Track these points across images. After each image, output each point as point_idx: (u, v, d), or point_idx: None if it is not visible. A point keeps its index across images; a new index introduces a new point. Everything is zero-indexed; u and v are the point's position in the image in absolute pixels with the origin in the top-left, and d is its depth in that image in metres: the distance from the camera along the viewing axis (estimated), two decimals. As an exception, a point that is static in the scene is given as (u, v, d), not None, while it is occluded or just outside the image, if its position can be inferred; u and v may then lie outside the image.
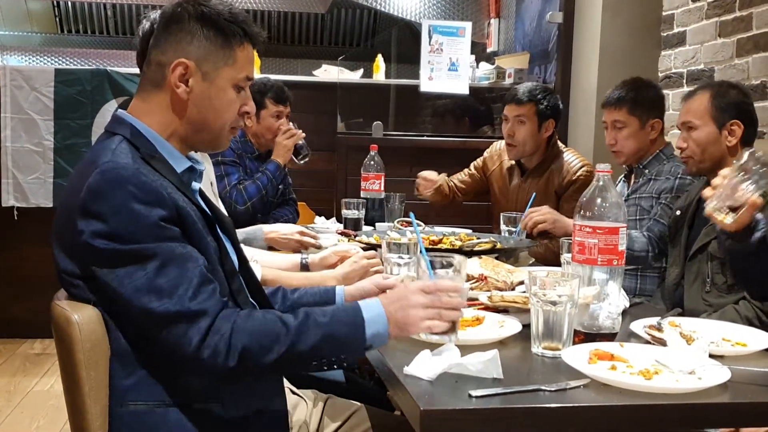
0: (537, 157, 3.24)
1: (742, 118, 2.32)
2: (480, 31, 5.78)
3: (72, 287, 1.43)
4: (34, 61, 6.86)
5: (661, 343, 1.60)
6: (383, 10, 6.20)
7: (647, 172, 2.82)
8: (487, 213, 3.82)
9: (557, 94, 3.42)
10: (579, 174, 3.15)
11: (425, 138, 4.72)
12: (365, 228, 3.06)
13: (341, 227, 3.05)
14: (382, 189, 3.33)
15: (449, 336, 1.46)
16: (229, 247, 1.55)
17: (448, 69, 4.42)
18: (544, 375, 1.45)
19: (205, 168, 1.77)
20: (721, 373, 1.38)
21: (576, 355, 1.46)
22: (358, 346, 1.40)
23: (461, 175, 3.54)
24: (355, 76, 5.15)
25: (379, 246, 2.30)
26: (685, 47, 3.75)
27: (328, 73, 5.20)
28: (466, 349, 1.45)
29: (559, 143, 3.30)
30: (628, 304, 1.94)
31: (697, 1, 3.67)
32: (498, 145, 3.48)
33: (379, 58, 5.22)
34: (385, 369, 1.45)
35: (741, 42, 3.33)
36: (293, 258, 2.27)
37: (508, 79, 4.75)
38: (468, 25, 4.48)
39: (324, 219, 3.47)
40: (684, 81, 3.75)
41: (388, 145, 4.00)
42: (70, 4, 6.67)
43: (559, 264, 2.07)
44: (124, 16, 6.76)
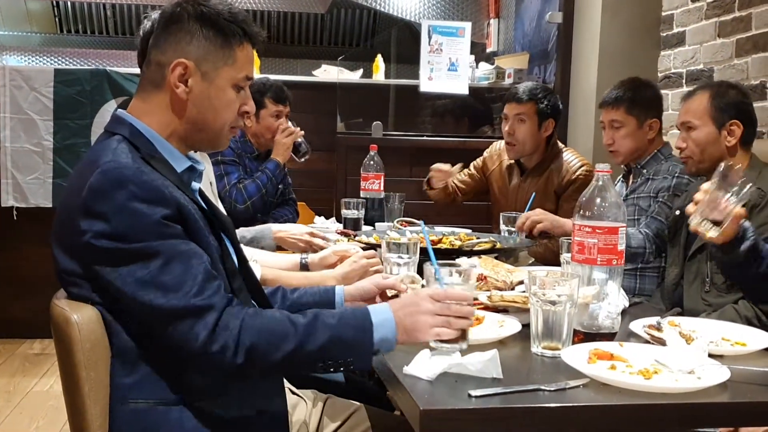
0: (536, 156, 3.24)
1: (741, 118, 2.32)
2: (479, 32, 5.78)
3: (72, 287, 1.43)
4: (33, 61, 6.86)
5: (661, 342, 1.60)
6: (383, 10, 6.20)
7: (645, 171, 2.81)
8: (486, 213, 3.82)
9: (557, 94, 3.43)
10: (578, 174, 3.16)
11: (425, 138, 4.71)
12: (365, 228, 3.06)
13: (341, 227, 3.05)
14: (382, 189, 3.33)
15: (459, 344, 1.45)
16: (229, 247, 1.55)
17: (447, 69, 4.42)
18: (543, 375, 1.45)
19: (205, 168, 1.77)
20: (720, 373, 1.38)
21: (575, 355, 1.45)
22: (365, 349, 1.39)
23: (461, 175, 3.54)
24: (354, 76, 5.15)
25: (379, 246, 2.30)
26: (685, 47, 3.75)
27: (328, 73, 5.20)
28: (465, 348, 1.45)
29: (558, 143, 3.30)
30: (627, 304, 1.94)
31: (696, 1, 3.67)
32: (498, 145, 3.48)
33: (379, 58, 5.23)
34: (384, 369, 1.45)
35: (740, 42, 3.33)
36: (293, 258, 2.27)
37: (508, 80, 4.75)
38: (467, 26, 4.48)
39: (324, 219, 3.47)
40: (683, 81, 3.75)
41: (387, 145, 4.00)
42: (69, 4, 6.67)
43: (558, 264, 2.07)
44: (124, 16, 6.77)
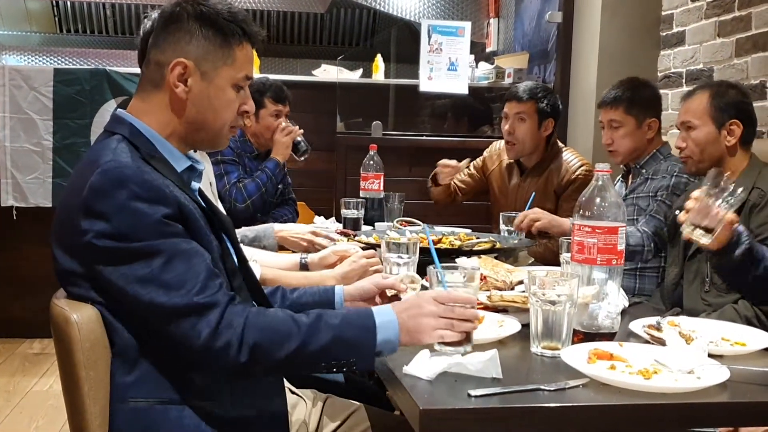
0: (536, 156, 3.24)
1: (741, 118, 2.32)
2: (479, 31, 5.78)
3: (72, 286, 1.43)
4: (33, 60, 6.86)
5: (660, 342, 1.60)
6: (382, 9, 6.20)
7: (644, 171, 2.81)
8: (486, 213, 3.82)
9: (557, 94, 3.43)
10: (578, 173, 3.16)
11: (424, 138, 4.71)
12: (364, 228, 3.06)
13: (340, 227, 3.05)
14: (382, 189, 3.33)
15: (463, 347, 1.45)
16: (229, 246, 1.55)
17: (447, 69, 4.41)
18: (543, 374, 1.45)
19: (205, 168, 1.77)
20: (720, 373, 1.38)
21: (575, 355, 1.45)
22: (368, 350, 1.39)
23: (461, 175, 3.54)
24: (354, 76, 5.15)
25: (379, 245, 2.30)
26: (685, 47, 3.75)
27: (328, 72, 5.20)
28: (470, 351, 1.45)
29: (558, 142, 3.30)
30: (627, 304, 1.94)
31: (696, 0, 3.67)
32: (497, 144, 3.48)
33: (379, 58, 5.22)
34: (384, 368, 1.45)
35: (740, 42, 3.33)
36: (292, 257, 2.27)
37: (508, 79, 4.75)
38: (467, 25, 4.48)
39: (323, 219, 3.47)
40: (683, 81, 3.75)
41: (387, 144, 3.99)
42: (69, 3, 6.67)
43: (558, 263, 2.07)
44: (123, 15, 6.77)
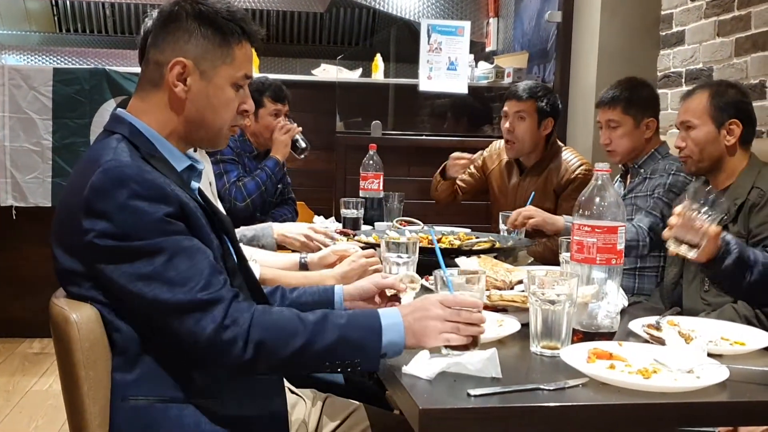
0: (535, 155, 3.24)
1: (740, 118, 2.32)
2: (479, 31, 5.78)
3: (72, 286, 1.43)
4: (32, 60, 6.86)
5: (660, 342, 1.60)
6: (382, 9, 6.19)
7: (643, 171, 2.82)
8: (486, 212, 3.82)
9: (556, 94, 3.43)
10: (577, 173, 3.16)
11: (424, 137, 4.71)
12: (364, 227, 3.06)
13: (340, 226, 3.05)
14: (381, 188, 3.33)
15: (469, 351, 1.44)
16: (229, 246, 1.55)
17: (446, 68, 4.41)
18: (542, 374, 1.45)
19: (204, 167, 1.77)
20: (719, 372, 1.38)
21: (575, 354, 1.45)
22: (373, 352, 1.39)
23: (461, 175, 3.54)
24: (353, 76, 5.15)
25: (378, 245, 2.30)
26: (684, 46, 3.74)
27: (327, 72, 5.20)
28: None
29: (558, 142, 3.30)
30: (626, 303, 1.94)
31: (695, 0, 3.67)
32: (497, 144, 3.49)
33: (378, 58, 5.22)
34: (384, 368, 1.45)
35: (739, 41, 3.33)
36: (292, 257, 2.27)
37: (507, 79, 4.75)
38: (467, 25, 4.47)
39: (323, 218, 3.46)
40: (683, 80, 3.75)
41: (386, 144, 3.99)
42: (68, 3, 6.67)
43: (557, 263, 2.07)
44: (123, 15, 6.77)
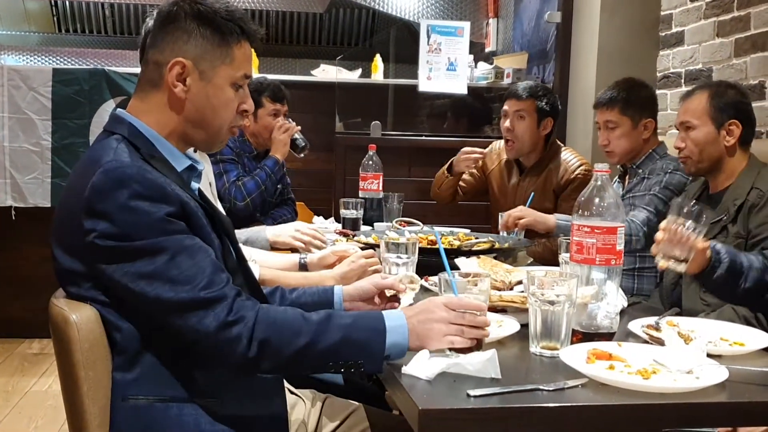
0: (535, 155, 3.24)
1: (740, 118, 2.32)
2: (478, 31, 5.78)
3: (72, 286, 1.43)
4: (31, 60, 6.85)
5: (659, 342, 1.60)
6: (381, 9, 6.19)
7: (641, 171, 2.82)
8: (485, 212, 3.82)
9: (556, 94, 3.43)
10: (577, 173, 3.16)
11: (423, 138, 4.71)
12: (363, 228, 3.06)
13: (340, 227, 3.05)
14: (381, 189, 3.33)
15: (474, 353, 1.44)
16: (229, 246, 1.55)
17: (446, 69, 4.41)
18: (542, 374, 1.45)
19: (204, 168, 1.77)
20: (718, 373, 1.38)
21: (574, 355, 1.45)
22: (376, 353, 1.39)
23: (464, 175, 3.54)
24: (353, 76, 5.15)
25: (378, 246, 2.30)
26: (684, 47, 3.75)
27: (327, 72, 5.20)
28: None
29: (557, 142, 3.31)
30: (626, 304, 1.94)
31: (695, 0, 3.67)
32: (497, 144, 3.49)
33: (378, 58, 5.22)
34: (383, 368, 1.45)
35: (739, 42, 3.33)
36: (292, 258, 2.27)
37: (507, 79, 4.75)
38: (466, 25, 4.47)
39: (322, 219, 3.46)
40: (682, 81, 3.75)
41: (386, 144, 3.99)
42: (67, 3, 6.66)
43: (557, 263, 2.07)
44: (122, 15, 6.76)
